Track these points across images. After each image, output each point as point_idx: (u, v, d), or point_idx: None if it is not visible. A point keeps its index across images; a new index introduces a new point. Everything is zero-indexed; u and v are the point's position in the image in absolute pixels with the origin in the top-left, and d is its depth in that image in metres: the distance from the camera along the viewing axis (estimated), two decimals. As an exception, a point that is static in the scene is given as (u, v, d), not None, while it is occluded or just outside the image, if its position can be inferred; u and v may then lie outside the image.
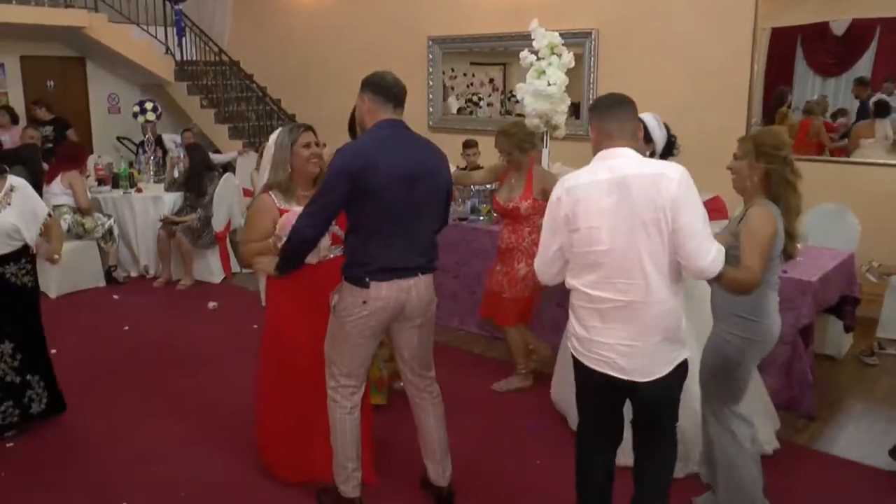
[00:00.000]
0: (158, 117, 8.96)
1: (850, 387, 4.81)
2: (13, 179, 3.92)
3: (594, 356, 2.67)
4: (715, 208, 6.23)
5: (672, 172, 2.56)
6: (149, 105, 8.87)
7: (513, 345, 4.73)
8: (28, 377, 3.97)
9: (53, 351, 4.87)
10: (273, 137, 3.52)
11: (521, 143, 4.54)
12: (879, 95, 6.15)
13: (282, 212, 3.30)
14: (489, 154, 7.26)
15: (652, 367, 2.64)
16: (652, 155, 3.86)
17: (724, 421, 3.12)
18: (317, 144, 3.47)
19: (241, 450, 3.84)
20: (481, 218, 5.70)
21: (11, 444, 3.94)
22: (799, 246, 3.45)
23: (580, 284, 2.66)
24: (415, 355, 3.27)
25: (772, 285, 3.09)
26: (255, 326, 5.21)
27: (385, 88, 3.08)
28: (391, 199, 2.94)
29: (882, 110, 6.15)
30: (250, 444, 3.75)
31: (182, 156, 7.75)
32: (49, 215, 4.10)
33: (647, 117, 3.87)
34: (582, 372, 2.75)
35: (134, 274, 7.35)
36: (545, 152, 5.99)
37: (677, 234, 2.53)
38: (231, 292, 6.86)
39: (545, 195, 4.20)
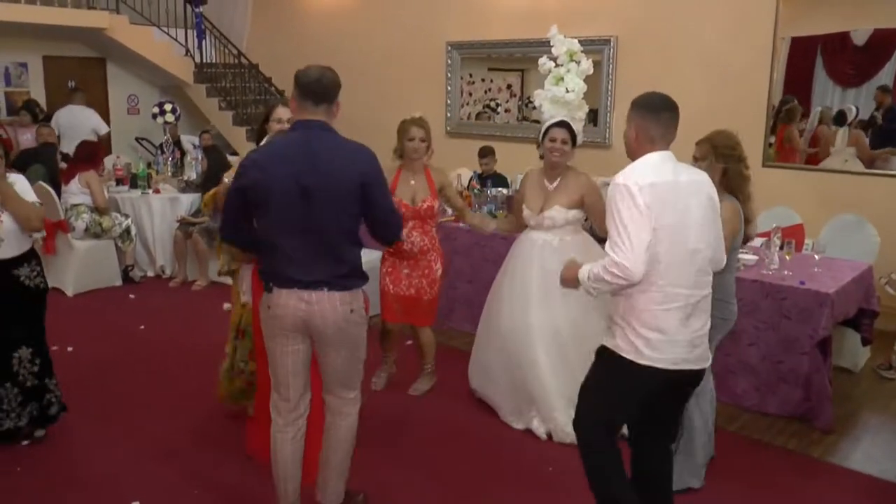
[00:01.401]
0: (177, 119, 9.02)
1: (867, 400, 4.77)
2: (12, 176, 3.84)
3: (669, 357, 2.68)
4: (732, 217, 6.23)
5: (706, 177, 2.85)
6: (168, 106, 8.93)
7: (429, 345, 4.68)
8: (46, 380, 3.94)
9: (70, 349, 4.91)
10: None
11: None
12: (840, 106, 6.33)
13: None
14: (505, 161, 7.28)
15: (707, 353, 2.83)
16: None
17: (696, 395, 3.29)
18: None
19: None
20: (497, 224, 5.68)
21: (27, 443, 3.96)
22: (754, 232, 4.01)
23: (662, 283, 2.65)
24: (331, 376, 3.07)
25: (734, 270, 3.59)
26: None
27: (303, 84, 2.88)
28: (285, 212, 2.82)
29: (840, 119, 6.30)
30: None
31: (200, 157, 7.80)
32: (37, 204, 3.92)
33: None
34: (647, 374, 2.70)
35: (150, 274, 7.40)
36: (562, 159, 5.97)
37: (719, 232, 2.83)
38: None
39: (442, 192, 4.47)
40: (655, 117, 2.77)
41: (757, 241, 5.09)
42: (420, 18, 8.90)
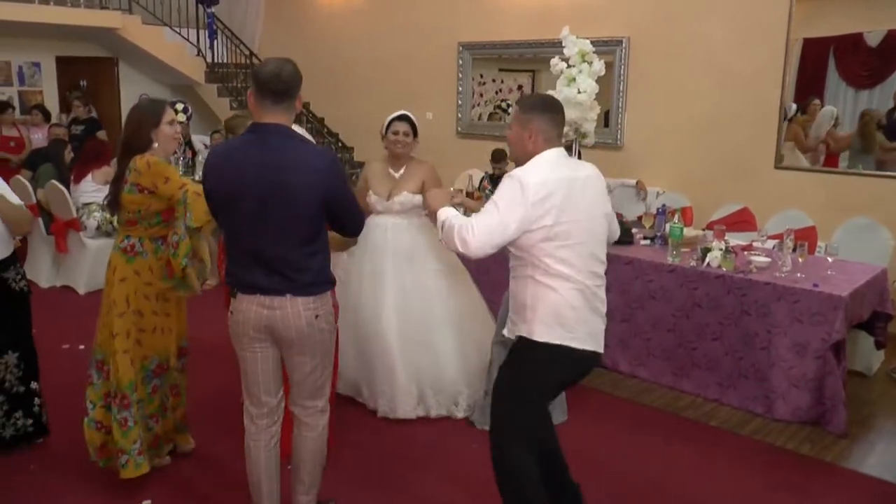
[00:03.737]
0: (189, 119, 9.02)
1: (882, 404, 4.73)
2: None
3: (580, 335, 2.79)
4: (743, 219, 6.20)
5: (595, 171, 2.95)
6: (179, 106, 8.92)
7: None
8: (32, 385, 3.86)
9: (81, 346, 4.92)
10: None
11: None
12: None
13: None
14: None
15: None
16: None
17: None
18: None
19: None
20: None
21: (40, 440, 3.97)
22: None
23: (568, 271, 2.76)
24: (298, 386, 2.98)
25: None
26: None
27: (263, 82, 2.70)
28: (243, 218, 2.73)
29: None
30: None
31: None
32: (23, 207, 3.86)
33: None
34: (563, 353, 2.77)
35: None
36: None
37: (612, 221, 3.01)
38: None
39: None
40: (552, 118, 2.84)
41: (769, 244, 5.08)
42: (432, 19, 8.90)
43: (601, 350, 2.89)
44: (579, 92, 5.42)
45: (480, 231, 2.70)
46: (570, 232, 2.73)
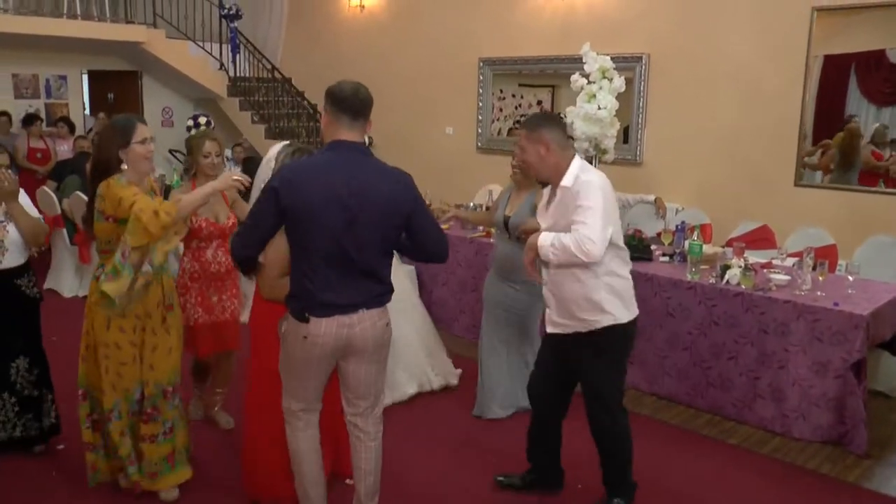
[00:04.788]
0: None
1: (904, 425, 4.69)
2: None
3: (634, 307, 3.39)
4: (763, 237, 6.18)
5: None
6: (202, 119, 8.98)
7: (231, 369, 4.38)
8: (43, 390, 3.94)
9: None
10: (273, 151, 3.53)
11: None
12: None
13: None
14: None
15: None
16: None
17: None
18: None
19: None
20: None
21: (62, 447, 4.02)
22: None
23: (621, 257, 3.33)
24: (357, 390, 3.02)
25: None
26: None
27: (341, 100, 2.82)
28: (326, 238, 2.75)
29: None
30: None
31: (231, 169, 7.89)
32: (41, 220, 3.98)
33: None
34: (633, 323, 3.39)
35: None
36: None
37: None
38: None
39: (233, 207, 4.24)
40: (558, 127, 3.32)
41: (789, 262, 5.06)
42: (453, 34, 8.96)
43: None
44: (599, 108, 5.46)
45: (598, 237, 3.05)
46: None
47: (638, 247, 5.18)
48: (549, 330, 3.44)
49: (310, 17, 10.80)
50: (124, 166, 3.24)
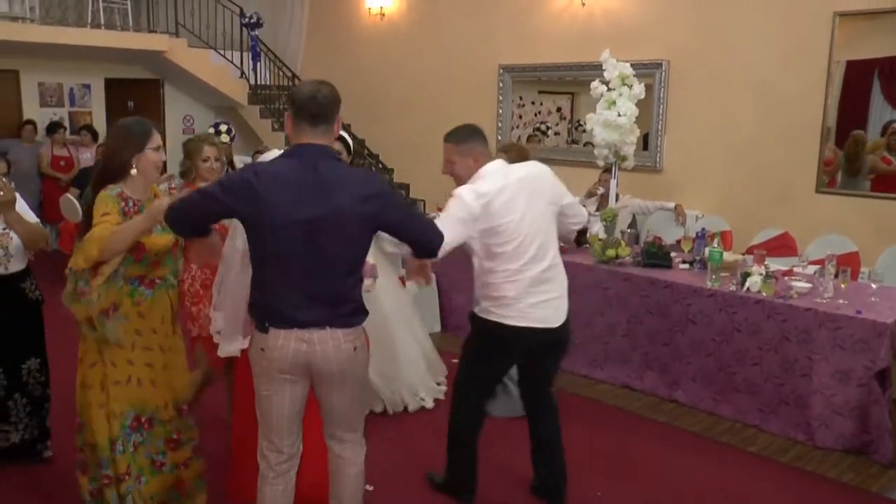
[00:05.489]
0: (233, 139, 9.16)
1: (928, 434, 4.63)
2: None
3: (523, 315, 3.27)
4: (784, 244, 6.13)
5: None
6: (223, 127, 9.07)
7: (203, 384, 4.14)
8: (47, 391, 3.99)
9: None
10: (269, 157, 3.34)
11: None
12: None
13: None
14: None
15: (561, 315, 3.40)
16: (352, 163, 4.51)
17: None
18: None
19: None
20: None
21: (50, 454, 4.02)
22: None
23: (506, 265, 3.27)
24: (336, 418, 2.82)
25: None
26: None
27: (299, 105, 2.62)
28: (285, 247, 2.56)
29: None
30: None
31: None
32: (39, 224, 3.93)
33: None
34: (505, 333, 3.29)
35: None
36: (613, 183, 5.97)
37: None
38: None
39: None
40: (483, 139, 3.42)
41: (810, 269, 5.02)
42: (473, 41, 8.98)
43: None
44: (619, 115, 5.44)
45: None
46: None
47: (657, 254, 5.17)
48: None
49: (330, 24, 10.87)
50: (134, 171, 3.02)
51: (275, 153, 3.24)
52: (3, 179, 3.68)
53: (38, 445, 4.00)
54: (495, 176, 3.28)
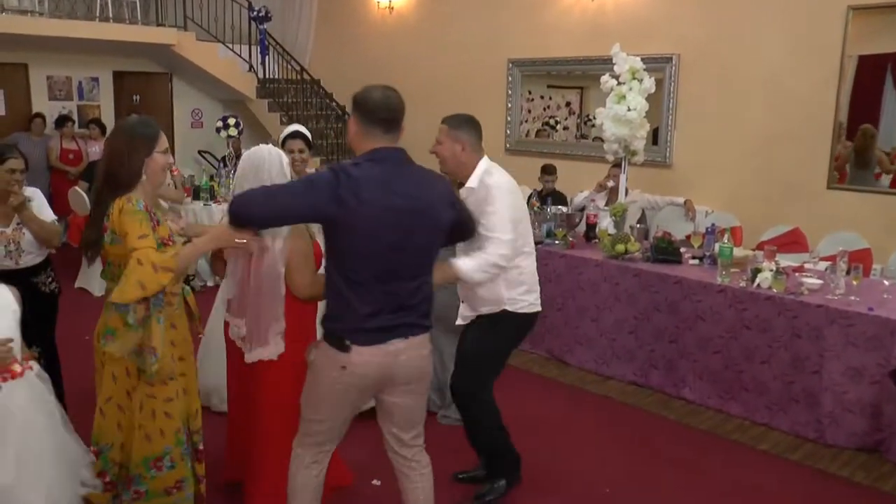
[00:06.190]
0: (240, 133, 9.20)
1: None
2: (28, 190, 3.87)
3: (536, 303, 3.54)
4: (795, 240, 6.09)
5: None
6: (231, 121, 9.13)
7: None
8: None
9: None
10: (264, 152, 3.19)
11: None
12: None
13: None
14: (563, 179, 7.25)
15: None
16: None
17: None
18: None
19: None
20: (556, 241, 5.65)
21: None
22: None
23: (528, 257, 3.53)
24: (401, 422, 2.79)
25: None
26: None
27: (371, 111, 2.58)
28: (380, 244, 2.50)
29: None
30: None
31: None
32: (55, 222, 3.97)
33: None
34: (525, 321, 3.52)
35: (210, 284, 7.53)
36: (622, 178, 5.93)
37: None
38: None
39: None
40: (477, 130, 3.46)
41: (821, 265, 4.98)
42: (482, 36, 8.94)
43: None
44: (629, 109, 5.40)
45: (508, 248, 3.27)
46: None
47: (667, 249, 5.13)
48: (462, 323, 3.62)
49: (339, 18, 10.85)
50: (143, 177, 2.82)
51: (269, 149, 3.10)
52: (16, 186, 3.70)
53: None
54: (502, 171, 3.45)
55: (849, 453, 4.20)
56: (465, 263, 3.22)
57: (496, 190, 3.30)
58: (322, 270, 2.85)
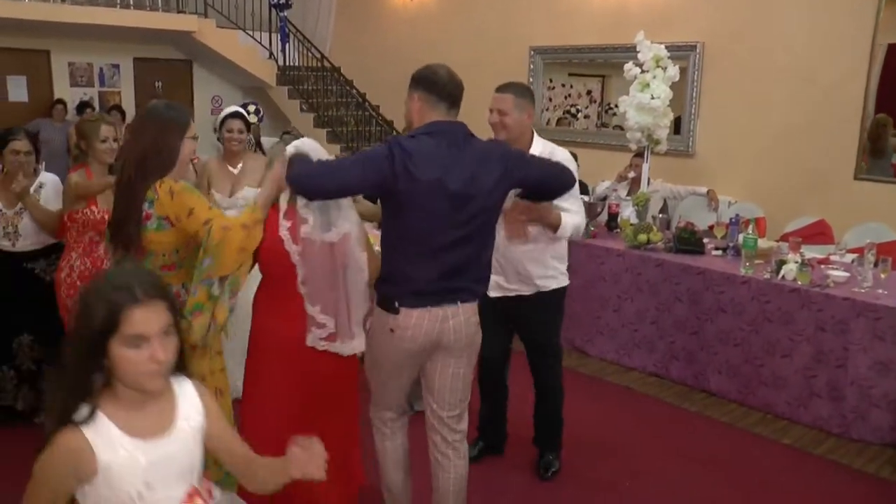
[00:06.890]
0: (261, 120, 9.16)
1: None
2: (44, 176, 3.99)
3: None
4: (820, 232, 5.99)
5: None
6: (251, 108, 9.06)
7: None
8: (43, 366, 4.04)
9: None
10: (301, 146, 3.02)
11: None
12: None
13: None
14: (585, 168, 7.18)
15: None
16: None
17: None
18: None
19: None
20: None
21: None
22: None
23: None
24: (447, 393, 2.78)
25: None
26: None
27: (437, 85, 2.62)
28: (433, 214, 2.55)
29: None
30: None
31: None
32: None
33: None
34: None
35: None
36: (645, 167, 5.87)
37: None
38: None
39: None
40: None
41: (848, 258, 4.89)
42: (504, 23, 8.87)
43: None
44: (653, 98, 5.34)
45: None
46: None
47: (690, 240, 5.07)
48: (495, 294, 3.41)
49: (360, 5, 10.80)
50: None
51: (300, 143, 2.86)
52: (21, 169, 3.77)
53: (36, 417, 4.00)
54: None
55: (875, 448, 4.13)
56: (572, 219, 3.23)
57: (560, 153, 3.34)
58: (377, 247, 2.85)
